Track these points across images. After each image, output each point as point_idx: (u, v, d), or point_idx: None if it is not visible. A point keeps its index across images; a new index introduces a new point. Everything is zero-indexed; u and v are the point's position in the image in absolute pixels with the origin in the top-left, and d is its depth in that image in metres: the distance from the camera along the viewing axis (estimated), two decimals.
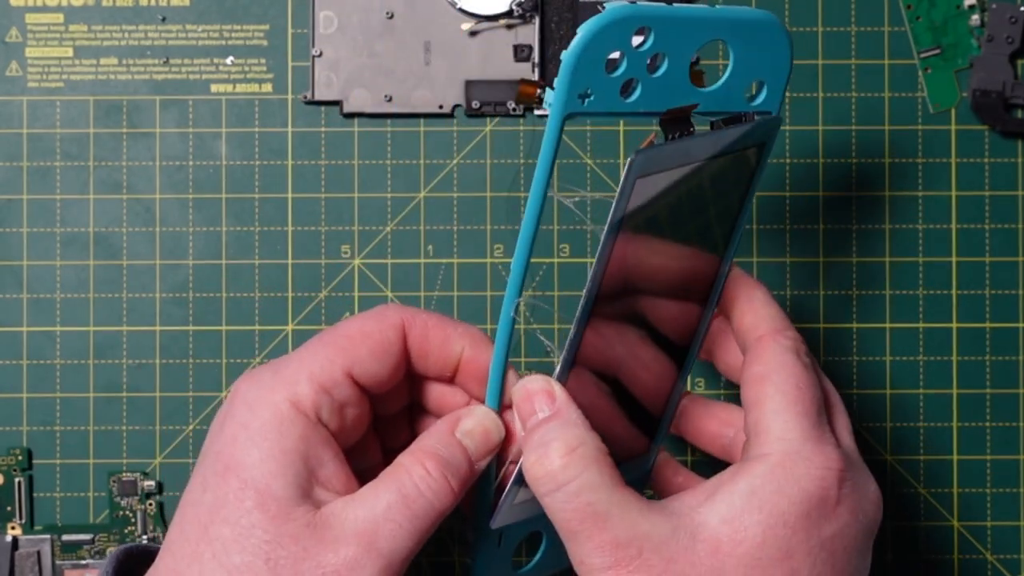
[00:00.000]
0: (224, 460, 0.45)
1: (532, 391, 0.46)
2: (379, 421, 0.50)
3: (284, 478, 0.44)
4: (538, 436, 0.45)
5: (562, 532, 0.44)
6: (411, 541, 0.44)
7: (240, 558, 0.43)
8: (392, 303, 0.49)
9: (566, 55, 0.42)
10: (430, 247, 0.60)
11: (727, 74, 0.47)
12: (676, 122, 0.45)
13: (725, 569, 0.43)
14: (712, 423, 0.51)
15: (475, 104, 0.60)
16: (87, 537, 0.59)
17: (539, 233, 0.45)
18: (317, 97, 0.60)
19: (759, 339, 0.48)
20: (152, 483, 0.60)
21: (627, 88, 0.44)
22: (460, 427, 0.47)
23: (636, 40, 0.43)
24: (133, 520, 0.59)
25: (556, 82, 0.42)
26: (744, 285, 0.49)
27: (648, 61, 0.44)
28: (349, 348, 0.47)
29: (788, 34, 0.47)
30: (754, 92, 0.48)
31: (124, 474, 0.60)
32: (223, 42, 0.60)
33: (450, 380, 0.50)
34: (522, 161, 0.60)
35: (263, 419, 0.45)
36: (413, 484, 0.45)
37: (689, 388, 0.58)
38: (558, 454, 0.44)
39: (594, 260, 0.45)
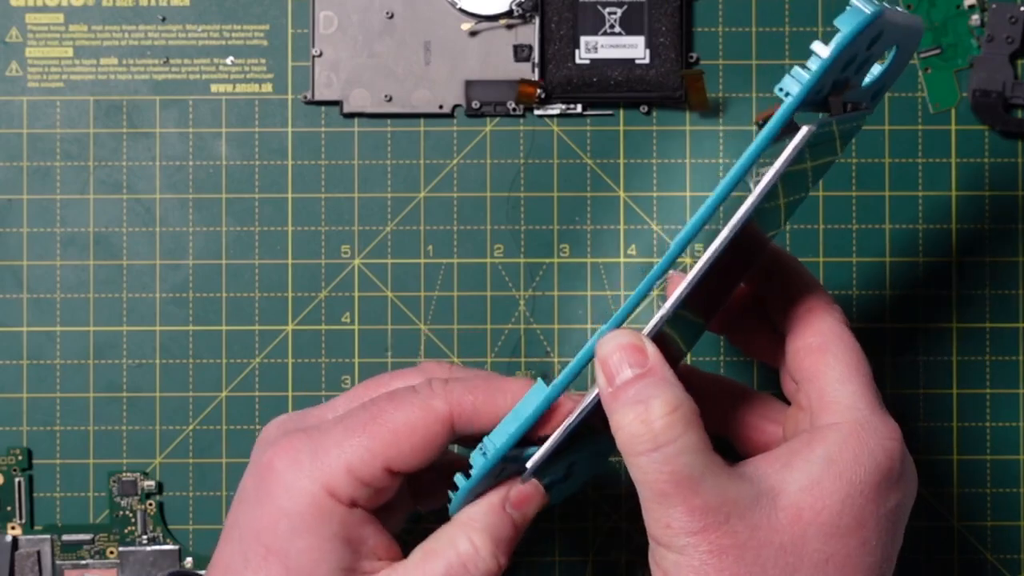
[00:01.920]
0: (266, 544, 0.45)
1: (622, 345, 0.44)
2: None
3: (328, 564, 0.45)
4: (633, 393, 0.43)
5: (650, 493, 0.43)
6: None
7: None
8: (438, 382, 0.46)
9: (838, 41, 0.40)
10: (430, 247, 0.60)
11: (881, 72, 0.46)
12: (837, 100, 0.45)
13: (807, 537, 0.43)
14: (764, 422, 0.50)
15: (475, 104, 0.60)
16: (87, 537, 0.59)
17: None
18: (317, 97, 0.60)
19: (810, 310, 0.47)
20: (152, 483, 0.60)
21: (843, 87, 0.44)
22: (508, 497, 0.46)
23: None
24: (133, 520, 0.59)
25: (811, 71, 0.41)
26: (786, 258, 0.49)
27: (859, 64, 0.44)
28: (392, 444, 0.45)
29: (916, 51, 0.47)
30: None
31: (124, 474, 0.60)
32: (223, 42, 0.60)
33: None
34: (522, 161, 0.60)
35: (303, 507, 0.45)
36: (461, 562, 0.45)
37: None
38: (660, 413, 0.43)
39: (726, 225, 0.44)
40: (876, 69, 0.47)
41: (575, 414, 0.46)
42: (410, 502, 0.51)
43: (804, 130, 0.44)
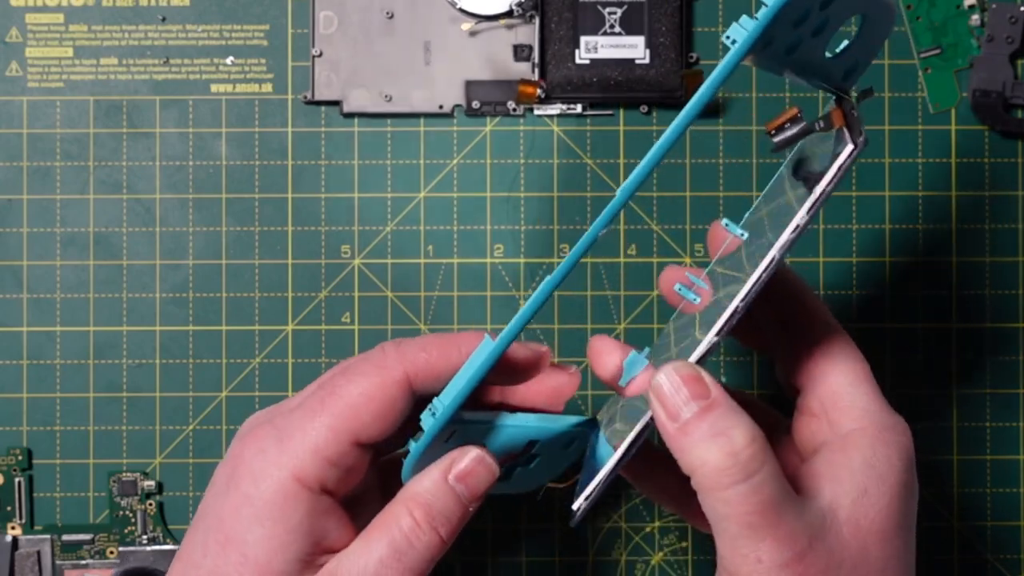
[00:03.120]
0: (226, 531, 0.45)
1: (682, 377, 0.43)
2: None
3: (285, 554, 0.44)
4: (707, 427, 0.42)
5: (737, 527, 0.42)
6: None
7: None
8: (390, 345, 0.46)
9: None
10: (430, 247, 0.60)
11: (848, 45, 0.46)
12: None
13: (868, 547, 0.43)
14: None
15: (475, 104, 0.60)
16: (87, 537, 0.59)
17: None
18: (317, 97, 0.60)
19: (808, 316, 0.47)
20: (152, 483, 0.60)
21: (791, 48, 0.44)
22: (453, 471, 0.45)
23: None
24: (133, 520, 0.59)
25: (757, 19, 0.41)
26: (794, 276, 0.49)
27: (816, 27, 0.44)
28: (353, 417, 0.45)
29: (891, 29, 0.47)
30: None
31: (124, 474, 0.60)
32: (223, 42, 0.60)
33: None
34: (522, 161, 0.60)
35: (267, 495, 0.44)
36: (403, 536, 0.44)
37: None
38: (743, 443, 0.42)
39: (773, 247, 0.44)
40: (845, 43, 0.47)
41: (623, 448, 0.45)
42: (380, 499, 0.50)
43: (850, 147, 0.44)
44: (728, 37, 0.41)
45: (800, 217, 0.44)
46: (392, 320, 0.60)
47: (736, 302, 0.44)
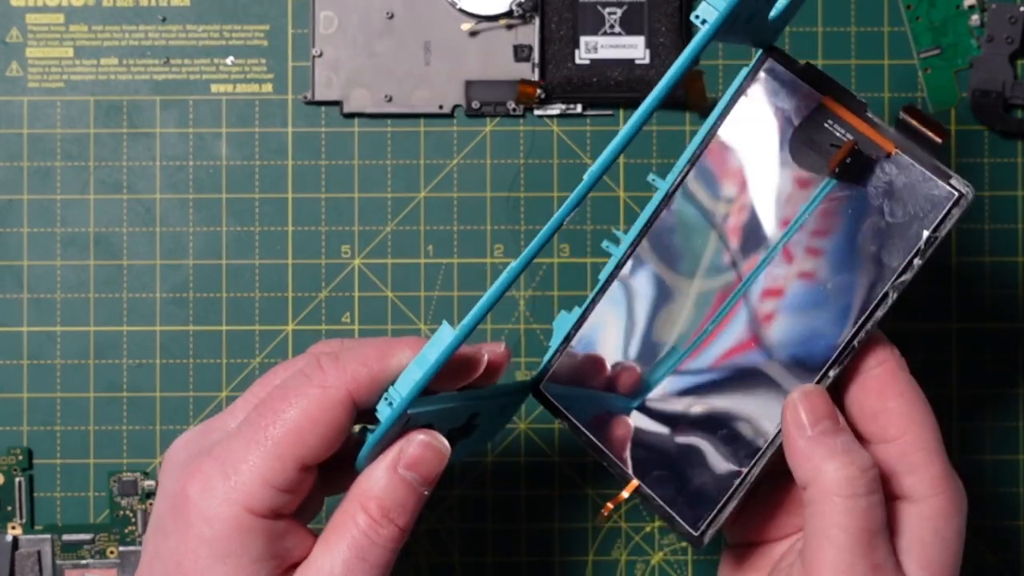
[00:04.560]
0: (187, 573, 0.44)
1: (823, 399, 0.47)
2: None
3: None
4: (841, 443, 0.46)
5: (846, 537, 0.45)
6: None
7: None
8: (327, 358, 0.45)
9: None
10: (430, 247, 0.60)
11: (787, 3, 0.47)
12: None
13: None
14: None
15: (475, 104, 0.60)
16: (87, 537, 0.59)
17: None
18: (317, 97, 0.60)
19: (882, 364, 0.48)
20: (152, 483, 0.60)
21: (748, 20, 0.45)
22: (402, 461, 0.45)
23: None
24: (133, 520, 0.59)
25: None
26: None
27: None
28: (299, 443, 0.45)
29: None
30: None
31: (124, 474, 0.60)
32: (223, 42, 0.60)
33: None
34: (522, 161, 0.60)
35: (223, 533, 0.44)
36: (363, 534, 0.45)
37: None
38: (869, 464, 0.46)
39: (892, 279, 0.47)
40: (782, 2, 0.47)
41: (765, 449, 0.48)
42: (321, 491, 0.50)
43: (955, 194, 0.46)
44: (698, 16, 0.42)
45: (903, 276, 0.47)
46: (392, 320, 0.60)
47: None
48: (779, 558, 0.50)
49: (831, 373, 0.47)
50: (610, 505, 0.50)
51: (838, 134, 0.47)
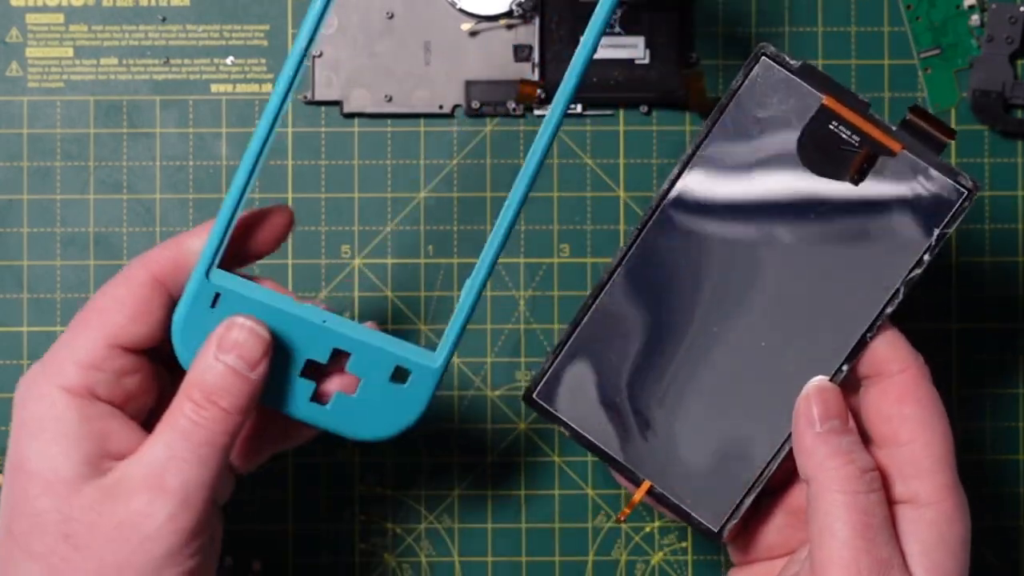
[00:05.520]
0: (12, 461, 0.47)
1: (837, 397, 0.48)
2: None
3: (68, 459, 0.46)
4: (846, 444, 0.48)
5: (848, 531, 0.46)
6: (203, 469, 0.46)
7: (41, 544, 0.45)
8: (139, 259, 0.49)
9: None
10: (430, 247, 0.60)
11: None
12: None
13: None
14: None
15: (475, 104, 0.60)
16: None
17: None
18: (317, 97, 0.60)
19: (904, 372, 0.49)
20: None
21: None
22: (220, 346, 0.47)
23: None
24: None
25: None
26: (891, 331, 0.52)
27: None
28: (106, 320, 0.48)
29: None
30: None
31: None
32: (223, 42, 0.60)
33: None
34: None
35: (38, 413, 0.47)
36: (187, 418, 0.46)
37: None
38: (871, 465, 0.48)
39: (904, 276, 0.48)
40: None
41: (774, 457, 0.49)
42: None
43: (963, 192, 0.48)
44: None
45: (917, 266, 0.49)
46: (392, 320, 0.60)
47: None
48: (785, 569, 0.50)
49: (844, 368, 0.49)
50: (627, 510, 0.51)
51: (844, 136, 0.48)
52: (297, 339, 0.48)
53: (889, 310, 0.48)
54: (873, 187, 0.48)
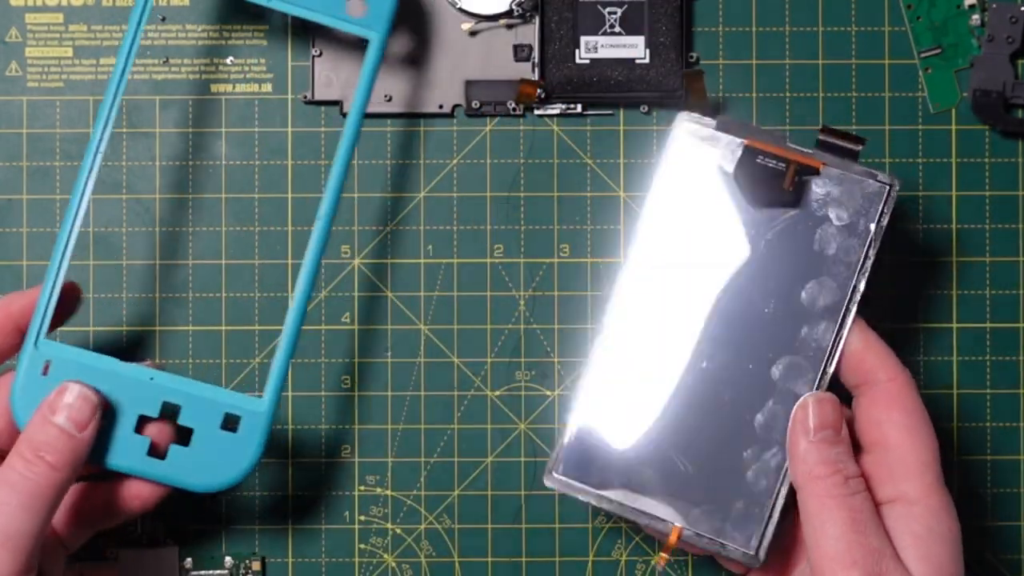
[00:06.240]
0: None
1: (835, 407, 0.51)
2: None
3: None
4: (835, 455, 0.50)
5: (851, 520, 0.49)
6: (29, 516, 0.49)
7: None
8: None
9: None
10: (430, 247, 0.60)
11: None
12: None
13: None
14: None
15: (475, 104, 0.60)
16: None
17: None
18: (317, 97, 0.60)
19: (893, 382, 0.52)
20: None
21: None
22: (51, 408, 0.51)
23: None
24: (133, 520, 0.59)
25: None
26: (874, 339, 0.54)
27: None
28: None
29: None
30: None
31: None
32: (223, 42, 0.60)
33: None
34: (522, 161, 0.60)
35: None
36: (16, 472, 0.50)
37: None
38: (856, 473, 0.50)
39: (857, 269, 0.53)
40: None
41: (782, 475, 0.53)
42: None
43: (887, 188, 0.53)
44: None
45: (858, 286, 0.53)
46: (392, 320, 0.60)
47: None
48: None
49: (829, 370, 0.52)
50: (664, 555, 0.53)
51: (771, 165, 0.53)
52: (128, 397, 0.53)
53: (854, 307, 0.52)
54: (809, 205, 0.53)
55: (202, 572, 0.60)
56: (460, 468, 0.60)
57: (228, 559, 0.60)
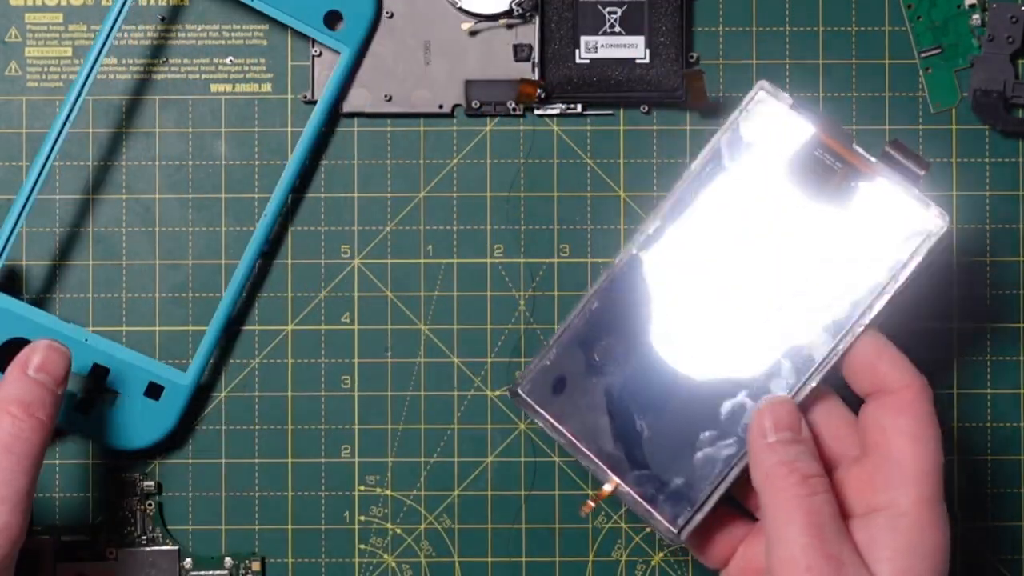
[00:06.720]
0: None
1: (789, 409, 0.51)
2: None
3: None
4: (795, 452, 0.50)
5: (806, 526, 0.48)
6: (24, 476, 0.51)
7: None
8: None
9: None
10: (430, 247, 0.60)
11: None
12: None
13: None
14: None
15: (475, 104, 0.60)
16: (87, 538, 0.59)
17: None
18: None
19: (907, 388, 0.51)
20: (152, 483, 0.60)
21: None
22: (30, 366, 0.52)
23: None
24: (133, 520, 0.59)
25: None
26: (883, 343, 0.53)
27: None
28: None
29: None
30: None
31: (124, 474, 0.60)
32: (223, 42, 0.60)
33: None
34: (522, 161, 0.60)
35: None
36: (8, 433, 0.51)
37: None
38: (816, 472, 0.50)
39: (885, 289, 0.51)
40: None
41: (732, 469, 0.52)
42: None
43: (942, 228, 0.51)
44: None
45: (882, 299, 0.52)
46: (392, 320, 0.60)
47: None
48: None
49: (811, 383, 0.52)
50: (591, 503, 0.53)
51: (829, 163, 0.51)
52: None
53: (859, 329, 0.51)
54: (850, 213, 0.51)
55: (202, 572, 0.60)
56: (460, 468, 0.60)
57: (228, 559, 0.60)
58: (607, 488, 0.53)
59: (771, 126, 0.52)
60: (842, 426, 0.53)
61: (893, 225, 0.51)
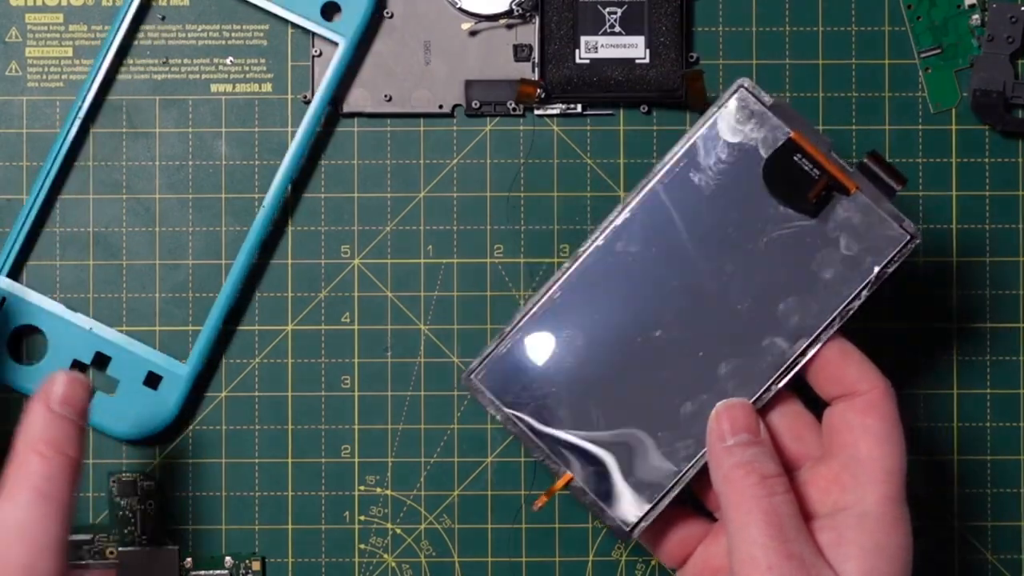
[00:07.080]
0: None
1: (744, 411, 0.51)
2: None
3: None
4: (752, 454, 0.50)
5: (766, 526, 0.48)
6: (60, 517, 0.49)
7: None
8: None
9: None
10: (430, 247, 0.60)
11: None
12: None
13: None
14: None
15: (475, 104, 0.60)
16: (87, 537, 0.59)
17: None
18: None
19: (873, 389, 0.51)
20: (152, 483, 0.59)
21: None
22: (52, 400, 0.50)
23: None
24: (133, 520, 0.59)
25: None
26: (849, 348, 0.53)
27: None
28: None
29: None
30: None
31: (124, 474, 0.60)
32: (223, 42, 0.60)
33: None
34: (522, 161, 0.60)
35: None
36: (39, 474, 0.49)
37: None
38: (772, 471, 0.50)
39: (846, 298, 0.51)
40: None
41: (689, 469, 0.52)
42: None
43: (907, 239, 0.51)
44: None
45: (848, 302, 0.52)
46: (392, 320, 0.60)
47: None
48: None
49: (774, 388, 0.52)
50: (544, 497, 0.53)
51: (806, 168, 0.51)
52: (66, 341, 0.58)
53: (825, 337, 0.51)
54: (824, 222, 0.51)
55: (202, 572, 0.60)
56: (460, 468, 0.60)
57: (228, 559, 0.60)
58: (559, 483, 0.52)
59: (748, 126, 0.52)
60: (803, 427, 0.52)
61: (864, 235, 0.51)
